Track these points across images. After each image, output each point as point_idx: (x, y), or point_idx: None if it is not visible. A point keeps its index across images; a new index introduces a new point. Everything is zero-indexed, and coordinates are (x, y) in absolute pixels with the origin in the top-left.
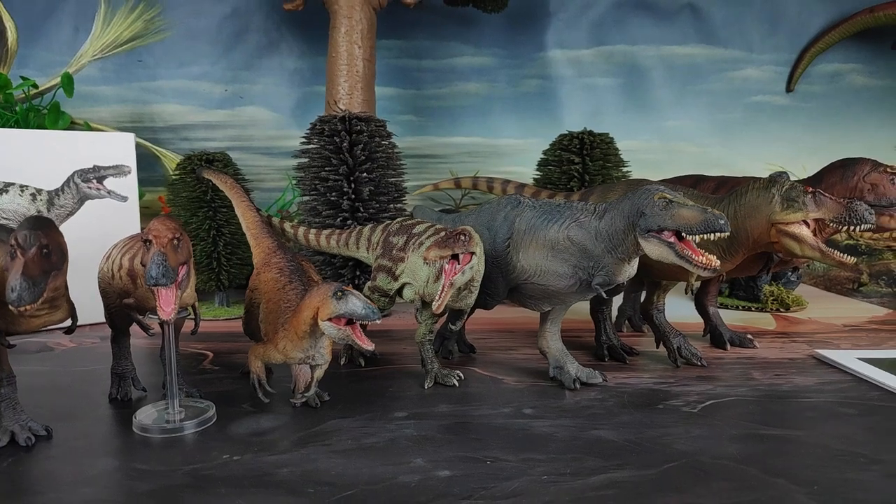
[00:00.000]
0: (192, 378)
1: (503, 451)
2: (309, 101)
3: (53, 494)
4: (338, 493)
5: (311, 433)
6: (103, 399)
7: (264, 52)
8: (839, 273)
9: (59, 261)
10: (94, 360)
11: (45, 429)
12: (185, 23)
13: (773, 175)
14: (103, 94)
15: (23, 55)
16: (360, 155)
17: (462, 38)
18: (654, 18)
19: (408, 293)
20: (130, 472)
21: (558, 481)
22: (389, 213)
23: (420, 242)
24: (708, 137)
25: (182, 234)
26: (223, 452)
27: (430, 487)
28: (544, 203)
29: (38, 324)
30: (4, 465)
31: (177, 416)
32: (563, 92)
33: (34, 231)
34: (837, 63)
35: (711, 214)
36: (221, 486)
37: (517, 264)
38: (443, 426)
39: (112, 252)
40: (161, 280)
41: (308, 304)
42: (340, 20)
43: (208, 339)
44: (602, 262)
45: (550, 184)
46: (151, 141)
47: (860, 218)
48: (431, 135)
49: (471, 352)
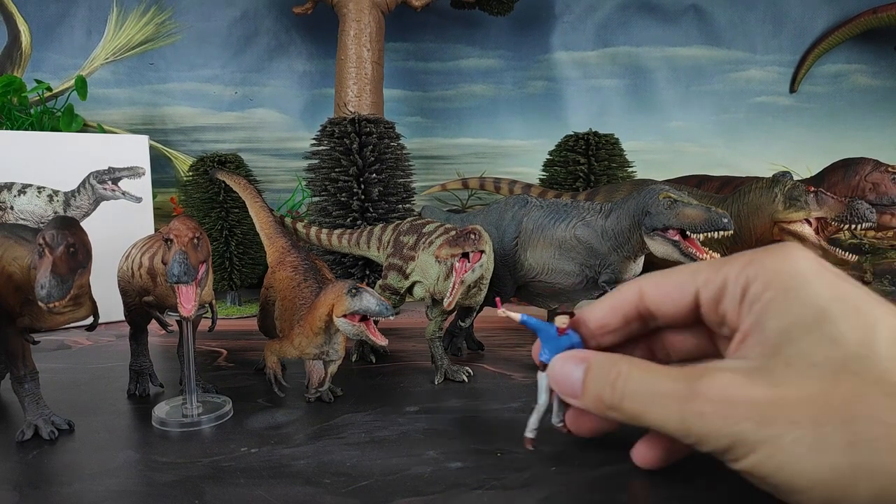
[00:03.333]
0: (207, 374)
1: (513, 443)
2: (318, 103)
3: (79, 485)
4: (353, 484)
5: (325, 427)
6: (122, 395)
7: (274, 55)
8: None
9: (85, 259)
10: (111, 357)
11: (68, 423)
12: (195, 26)
13: (775, 175)
14: (115, 96)
15: (36, 58)
16: (370, 156)
17: (468, 41)
18: (659, 20)
19: (418, 291)
20: (151, 464)
21: (567, 472)
22: (398, 213)
23: (430, 241)
24: (712, 138)
25: (202, 234)
26: (241, 445)
27: (443, 478)
28: (551, 203)
29: (62, 320)
30: (30, 457)
31: (195, 411)
32: (568, 93)
33: (61, 230)
34: (841, 64)
35: (715, 213)
36: (240, 476)
37: (525, 262)
38: (453, 420)
39: (132, 251)
40: (182, 278)
41: (323, 301)
42: (349, 23)
43: (221, 336)
44: (608, 260)
45: (556, 184)
46: (162, 143)
47: (861, 217)
48: (438, 136)
49: (479, 349)
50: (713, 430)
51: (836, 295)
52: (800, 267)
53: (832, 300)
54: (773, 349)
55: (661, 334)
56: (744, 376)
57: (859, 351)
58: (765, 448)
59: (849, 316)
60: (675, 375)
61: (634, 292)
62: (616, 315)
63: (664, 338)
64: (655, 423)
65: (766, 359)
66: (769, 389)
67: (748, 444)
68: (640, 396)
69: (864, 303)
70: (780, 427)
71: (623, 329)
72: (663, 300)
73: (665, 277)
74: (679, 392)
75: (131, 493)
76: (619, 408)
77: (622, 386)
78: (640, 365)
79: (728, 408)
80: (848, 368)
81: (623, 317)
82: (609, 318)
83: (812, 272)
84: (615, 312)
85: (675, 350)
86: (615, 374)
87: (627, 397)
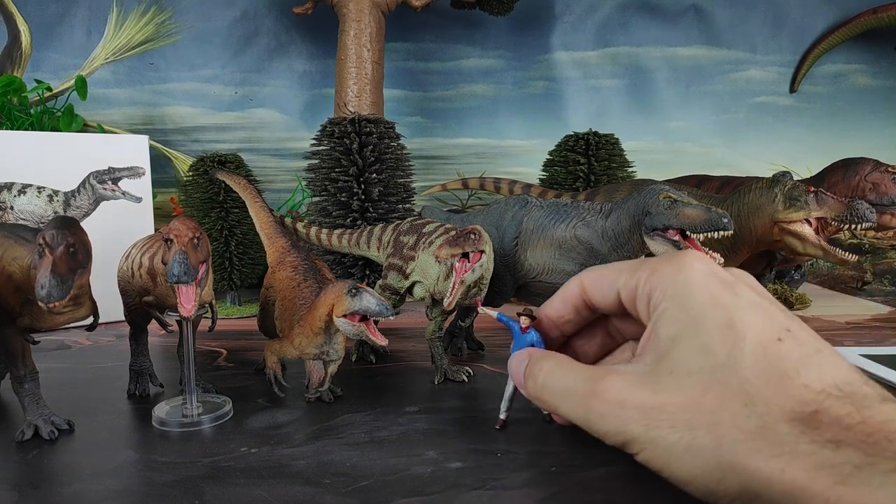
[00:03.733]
0: (207, 374)
1: (512, 443)
2: (318, 103)
3: (78, 485)
4: (353, 484)
5: (325, 427)
6: (122, 395)
7: (274, 55)
8: (843, 271)
9: (85, 259)
10: (111, 357)
11: (68, 423)
12: (195, 26)
13: (775, 175)
14: (115, 96)
15: (36, 58)
16: (370, 156)
17: (469, 41)
18: (659, 20)
19: (418, 291)
20: (151, 464)
21: (566, 472)
22: (398, 213)
23: (430, 241)
24: (712, 138)
25: (202, 234)
26: (240, 445)
27: (443, 478)
28: (551, 203)
29: (62, 320)
30: (30, 457)
31: (195, 411)
32: (568, 93)
33: (61, 230)
34: (841, 64)
35: (715, 213)
36: (240, 476)
37: (525, 263)
38: (453, 420)
39: (132, 251)
40: (182, 278)
41: (323, 301)
42: (349, 23)
43: (221, 336)
44: (608, 260)
45: (556, 184)
46: (162, 143)
47: (861, 216)
48: (438, 136)
49: (479, 349)
50: (611, 429)
51: (716, 306)
52: (691, 278)
53: (710, 311)
54: (661, 356)
55: (612, 319)
56: (636, 381)
57: (726, 361)
58: (651, 447)
59: (721, 327)
60: (584, 375)
61: (578, 285)
62: (567, 306)
63: (615, 322)
64: (567, 416)
65: (654, 365)
66: (654, 395)
67: (639, 443)
68: (555, 391)
69: (740, 313)
70: (662, 430)
71: (576, 318)
72: (597, 295)
73: (599, 274)
74: (584, 391)
75: (131, 493)
76: (541, 399)
77: (542, 379)
78: (561, 363)
79: (621, 410)
80: (716, 378)
81: (573, 307)
82: (562, 310)
83: (699, 283)
84: (565, 304)
85: (625, 333)
86: (538, 369)
87: (546, 390)
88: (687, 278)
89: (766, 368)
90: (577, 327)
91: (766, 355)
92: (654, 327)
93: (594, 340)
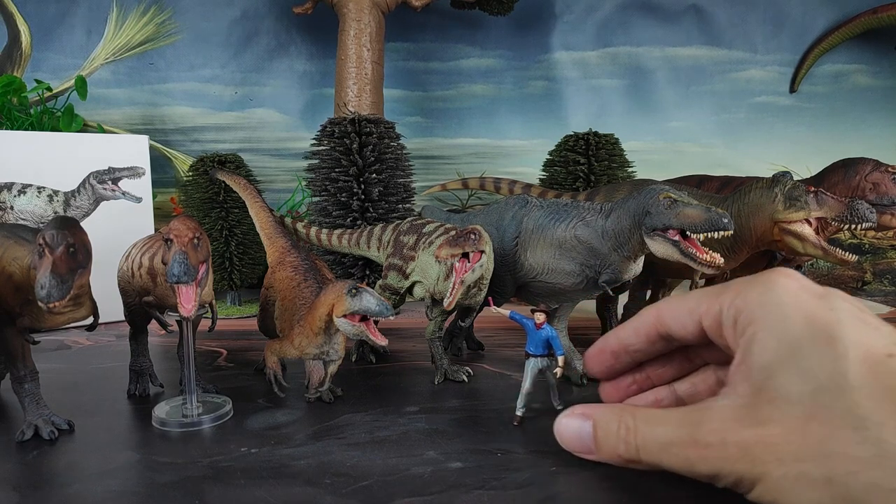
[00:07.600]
0: (207, 374)
1: (512, 443)
2: (318, 103)
3: (79, 485)
4: (354, 484)
5: (325, 427)
6: (122, 395)
7: (274, 55)
8: (843, 272)
9: (85, 259)
10: (111, 357)
11: (68, 423)
12: (195, 26)
13: (775, 175)
14: (115, 96)
15: (36, 58)
16: (370, 156)
17: (468, 41)
18: (659, 20)
19: (418, 291)
20: (152, 465)
21: (567, 472)
22: (398, 213)
23: (430, 241)
24: (712, 138)
25: (202, 234)
26: (241, 445)
27: (443, 478)
28: (551, 203)
29: (62, 320)
30: (30, 457)
31: (195, 411)
32: (568, 93)
33: (61, 231)
34: (841, 64)
35: (715, 213)
36: (241, 477)
37: (525, 263)
38: (453, 420)
39: (132, 251)
40: (182, 278)
41: (323, 301)
42: (349, 23)
43: (221, 336)
44: (608, 260)
45: (556, 184)
46: (162, 143)
47: (861, 216)
48: (438, 136)
49: (479, 349)
50: (718, 471)
51: (811, 324)
52: (780, 297)
53: (805, 331)
54: (756, 386)
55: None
56: (732, 416)
57: (829, 384)
58: (761, 484)
59: (820, 348)
60: (676, 421)
61: (653, 316)
62: (639, 336)
63: (697, 349)
64: (671, 469)
65: (750, 396)
66: (756, 429)
67: (749, 480)
68: (652, 448)
69: (840, 329)
70: (769, 465)
71: (648, 348)
72: (676, 325)
73: (678, 304)
74: (682, 440)
75: (131, 494)
76: (639, 460)
77: (633, 440)
78: (644, 417)
79: (724, 450)
80: (819, 402)
81: (646, 338)
82: (633, 339)
83: (790, 302)
84: (638, 335)
85: (706, 358)
86: (625, 429)
87: (642, 450)
88: (776, 298)
89: (878, 388)
90: (648, 357)
91: (876, 373)
92: (744, 355)
93: (670, 364)
